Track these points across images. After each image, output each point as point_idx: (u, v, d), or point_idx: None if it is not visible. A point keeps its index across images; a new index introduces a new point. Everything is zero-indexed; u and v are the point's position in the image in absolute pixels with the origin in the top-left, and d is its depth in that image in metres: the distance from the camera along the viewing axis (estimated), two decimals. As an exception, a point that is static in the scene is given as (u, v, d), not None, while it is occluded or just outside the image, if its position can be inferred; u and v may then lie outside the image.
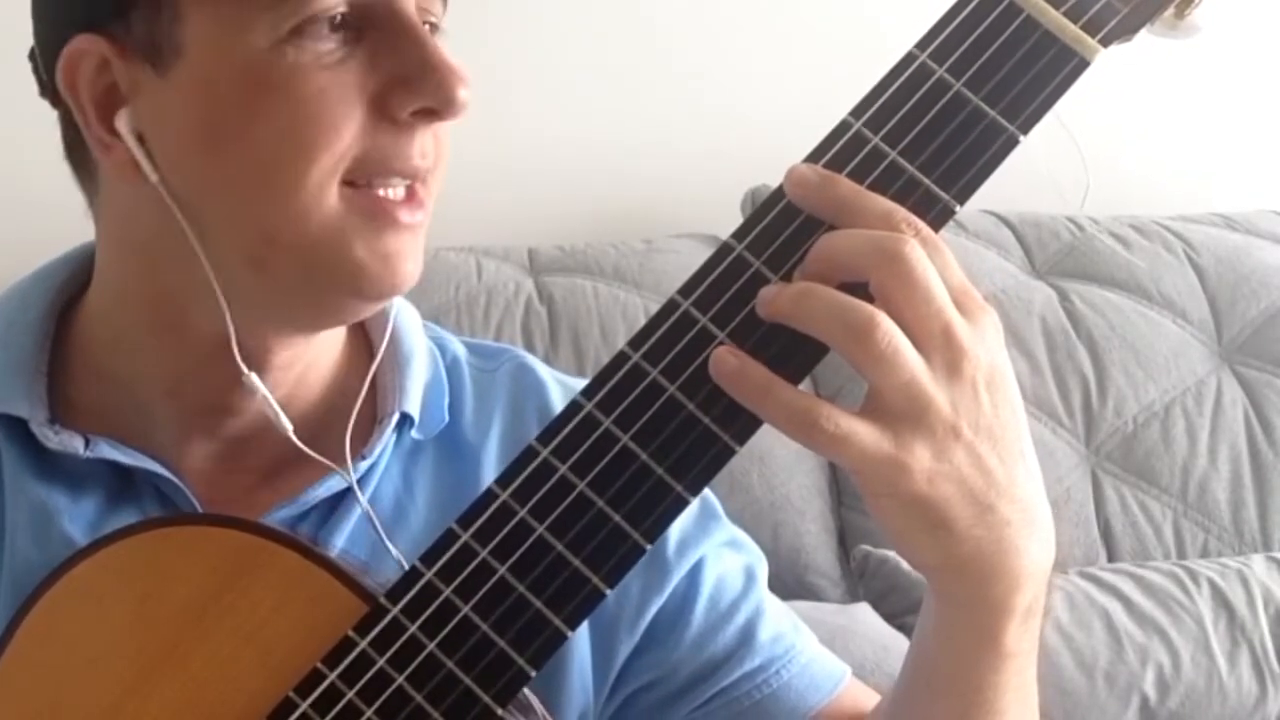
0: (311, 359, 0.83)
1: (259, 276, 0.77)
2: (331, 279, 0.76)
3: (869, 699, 0.89)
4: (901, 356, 0.65)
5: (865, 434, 0.65)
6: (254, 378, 0.79)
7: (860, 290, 0.66)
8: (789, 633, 0.90)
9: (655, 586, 0.86)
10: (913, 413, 0.65)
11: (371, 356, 0.87)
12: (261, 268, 0.76)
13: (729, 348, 0.67)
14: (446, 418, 0.87)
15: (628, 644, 0.86)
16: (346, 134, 0.73)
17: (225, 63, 0.74)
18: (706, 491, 0.90)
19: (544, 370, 0.92)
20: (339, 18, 0.74)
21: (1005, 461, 0.68)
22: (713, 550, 0.89)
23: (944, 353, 0.66)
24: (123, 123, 0.76)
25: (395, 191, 0.76)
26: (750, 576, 0.90)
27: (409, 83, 0.74)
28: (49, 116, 0.82)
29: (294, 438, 0.80)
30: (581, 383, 0.71)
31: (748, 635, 0.88)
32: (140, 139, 0.76)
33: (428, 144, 0.76)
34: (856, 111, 0.70)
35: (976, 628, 0.72)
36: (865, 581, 1.61)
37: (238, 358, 0.78)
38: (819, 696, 0.88)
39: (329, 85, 0.73)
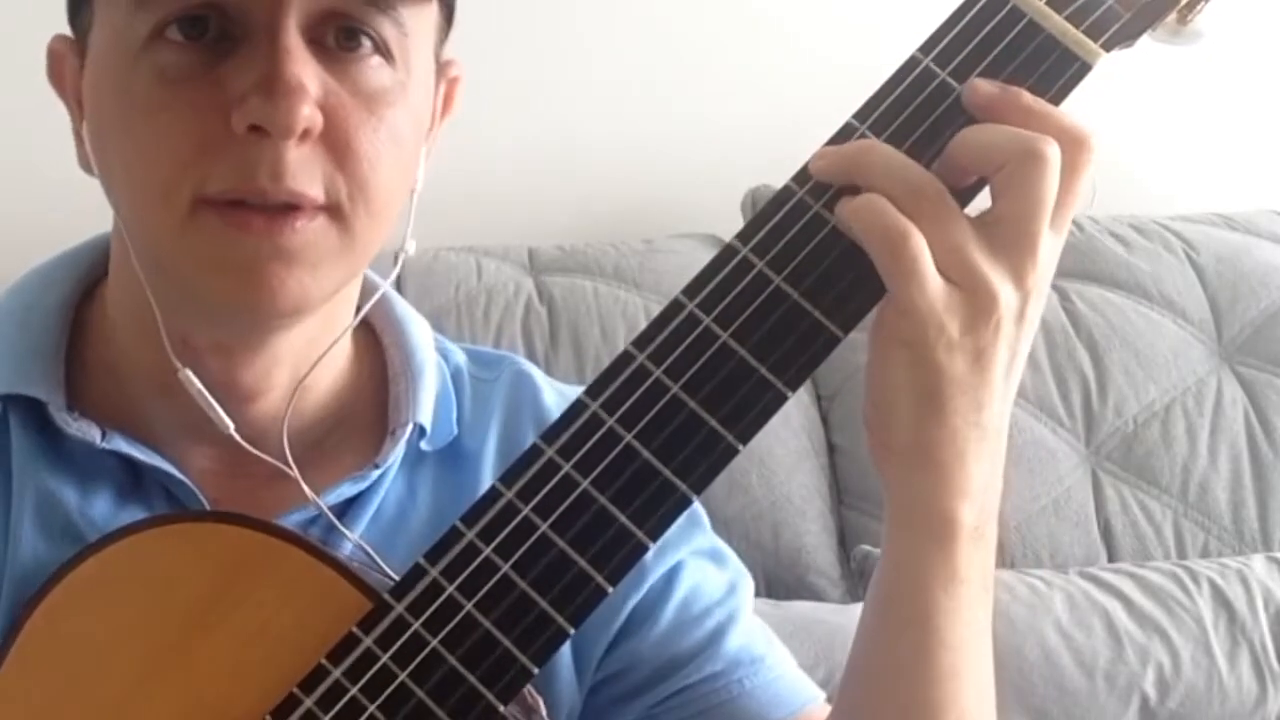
0: (295, 365, 0.81)
1: (162, 277, 0.77)
2: (198, 290, 0.75)
3: None
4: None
5: (938, 280, 0.67)
6: (188, 373, 0.78)
7: None
8: (759, 645, 0.89)
9: (633, 584, 0.86)
10: (977, 287, 0.68)
11: (382, 368, 0.87)
12: (161, 270, 0.77)
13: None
14: (456, 430, 0.87)
15: (604, 640, 0.86)
16: (184, 150, 0.71)
17: (104, 69, 0.75)
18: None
19: (541, 378, 0.92)
20: (197, 27, 0.72)
21: (1005, 381, 0.70)
22: (691, 557, 0.89)
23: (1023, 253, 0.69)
24: (81, 121, 0.78)
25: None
26: (730, 590, 0.90)
27: (246, 99, 0.70)
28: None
29: (236, 435, 0.79)
30: (578, 390, 0.71)
31: (714, 639, 0.87)
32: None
33: (289, 162, 0.71)
34: (861, 114, 0.70)
35: (927, 537, 0.72)
36: (865, 581, 1.60)
37: (169, 351, 0.78)
38: (782, 712, 0.87)
39: (172, 100, 0.72)
